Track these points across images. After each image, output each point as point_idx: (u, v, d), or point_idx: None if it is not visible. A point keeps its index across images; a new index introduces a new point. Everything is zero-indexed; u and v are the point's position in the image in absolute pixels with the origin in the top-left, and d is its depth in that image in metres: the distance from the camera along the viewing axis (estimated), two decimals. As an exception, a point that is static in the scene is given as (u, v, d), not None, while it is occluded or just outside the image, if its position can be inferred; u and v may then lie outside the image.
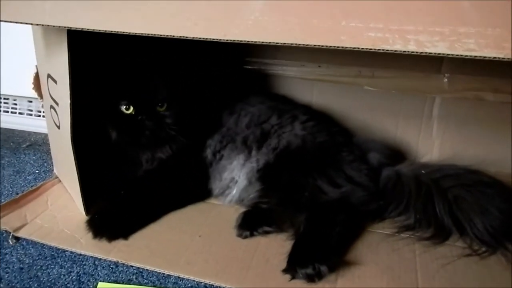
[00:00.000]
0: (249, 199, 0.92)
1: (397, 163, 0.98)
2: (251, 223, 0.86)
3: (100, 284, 0.73)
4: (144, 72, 0.91)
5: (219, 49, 1.14)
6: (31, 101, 1.38)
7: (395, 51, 0.52)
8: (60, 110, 0.85)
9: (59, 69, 0.79)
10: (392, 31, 0.54)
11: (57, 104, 0.85)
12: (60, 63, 0.77)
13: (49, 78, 0.86)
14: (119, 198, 0.89)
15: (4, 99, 1.41)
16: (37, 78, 0.96)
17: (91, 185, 0.89)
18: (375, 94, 1.09)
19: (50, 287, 0.73)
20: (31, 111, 1.39)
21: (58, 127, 0.89)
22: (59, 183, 1.03)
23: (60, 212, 0.92)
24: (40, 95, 0.97)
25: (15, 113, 1.40)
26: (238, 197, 0.94)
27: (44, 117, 1.29)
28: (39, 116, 1.38)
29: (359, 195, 0.87)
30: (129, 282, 0.74)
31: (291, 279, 0.72)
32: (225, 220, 0.89)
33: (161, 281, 0.75)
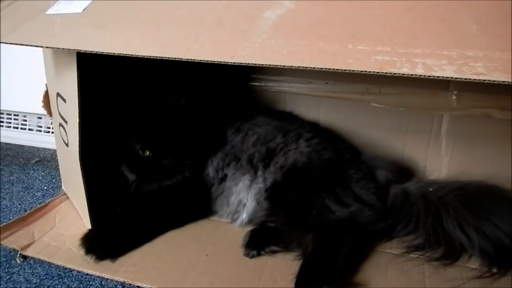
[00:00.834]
0: (258, 218, 0.91)
1: (405, 181, 0.97)
2: (258, 242, 0.85)
3: (106, 305, 0.73)
4: (156, 107, 0.92)
5: (224, 66, 1.14)
6: (40, 118, 1.40)
7: (403, 74, 0.52)
8: (68, 128, 0.85)
9: (68, 88, 0.80)
10: (399, 54, 0.54)
11: (66, 122, 0.86)
12: (69, 82, 0.78)
13: (58, 96, 0.87)
14: (115, 216, 0.89)
15: (14, 115, 1.43)
16: (46, 96, 0.97)
17: (99, 202, 0.89)
18: (383, 111, 1.08)
19: (56, 308, 0.73)
20: (41, 127, 1.41)
21: (66, 144, 0.89)
22: (67, 200, 1.04)
23: (67, 230, 0.92)
24: (49, 112, 0.99)
25: (25, 129, 1.42)
26: (248, 220, 0.93)
27: (53, 133, 1.30)
28: (48, 132, 1.39)
29: (367, 215, 0.86)
30: (135, 303, 0.74)
31: None
32: (232, 238, 0.89)
33: (167, 302, 0.74)
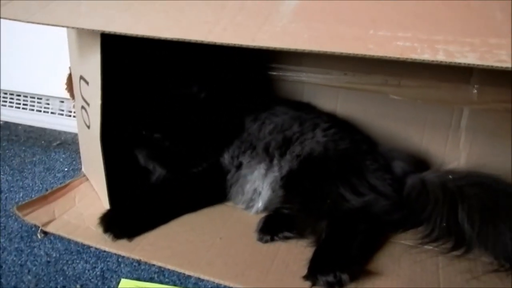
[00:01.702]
0: (273, 206, 0.92)
1: (422, 172, 0.96)
2: (272, 228, 0.86)
3: (123, 280, 0.75)
4: (175, 98, 0.93)
5: (244, 54, 1.15)
6: (63, 101, 1.43)
7: (424, 60, 0.52)
8: (90, 110, 0.87)
9: (92, 71, 0.81)
10: (421, 41, 0.54)
11: (88, 104, 0.88)
12: (92, 65, 0.80)
13: (81, 79, 0.89)
14: (133, 198, 0.91)
15: (38, 98, 1.46)
16: (70, 79, 0.99)
17: (117, 184, 0.91)
18: (401, 103, 1.07)
19: (75, 281, 0.75)
20: (63, 111, 1.44)
21: (88, 127, 0.91)
22: (87, 181, 1.06)
23: (87, 209, 0.94)
24: (72, 95, 1.01)
25: (48, 112, 1.45)
26: (263, 208, 0.94)
27: (74, 117, 1.33)
28: (70, 116, 1.42)
29: (382, 205, 0.86)
30: (151, 280, 0.76)
31: (311, 286, 0.72)
32: (246, 223, 0.90)
33: (182, 281, 0.76)
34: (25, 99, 1.48)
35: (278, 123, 0.99)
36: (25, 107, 1.48)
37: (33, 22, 0.71)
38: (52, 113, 1.45)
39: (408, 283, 0.75)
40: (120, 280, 0.75)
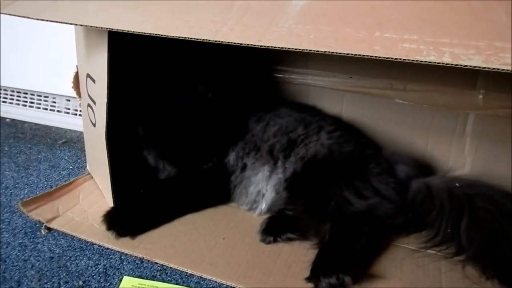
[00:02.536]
0: (277, 207, 0.92)
1: (426, 177, 0.96)
2: (275, 229, 0.86)
3: (125, 278, 0.75)
4: (182, 97, 0.94)
5: (250, 55, 1.15)
6: (69, 100, 1.44)
7: (429, 62, 0.52)
8: (96, 108, 0.88)
9: (98, 69, 0.82)
10: (426, 43, 0.54)
11: (94, 102, 0.89)
12: (99, 63, 0.81)
13: (88, 77, 0.90)
14: (137, 196, 0.92)
15: (44, 96, 1.47)
16: (76, 77, 1.00)
17: (122, 182, 0.91)
18: (406, 107, 1.07)
19: (77, 277, 0.75)
20: (69, 109, 1.45)
21: (94, 125, 0.92)
22: (91, 179, 1.07)
23: (90, 207, 0.95)
24: (78, 94, 1.02)
25: (54, 110, 1.47)
26: (266, 210, 0.94)
27: (80, 115, 1.34)
28: (76, 114, 1.43)
29: (386, 208, 0.86)
30: (153, 278, 0.76)
31: None
32: (249, 224, 0.90)
33: (184, 279, 0.76)
34: (32, 97, 1.49)
35: (282, 124, 0.99)
36: (32, 105, 1.49)
37: (42, 19, 0.72)
38: (58, 111, 1.46)
39: (410, 287, 0.74)
40: (122, 277, 0.76)
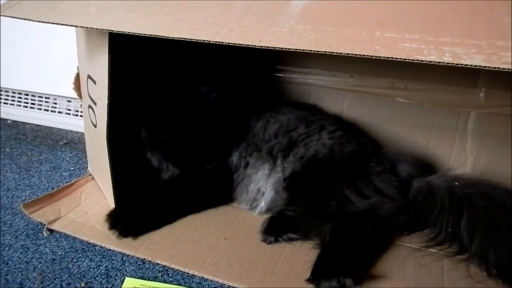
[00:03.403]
0: (276, 207, 0.92)
1: (428, 176, 0.96)
2: (277, 229, 0.86)
3: (127, 279, 0.75)
4: (185, 99, 0.94)
5: (251, 56, 1.15)
6: (70, 101, 1.44)
7: (430, 62, 0.52)
8: (97, 110, 0.88)
9: (99, 70, 0.82)
10: (427, 42, 0.54)
11: (95, 104, 0.89)
12: (100, 64, 0.81)
13: (89, 78, 0.90)
14: (140, 197, 0.92)
15: (45, 98, 1.47)
16: (77, 78, 1.00)
17: (123, 183, 0.91)
18: (408, 106, 1.07)
19: (79, 278, 0.75)
20: (70, 110, 1.45)
21: (95, 126, 0.92)
22: (93, 181, 1.07)
23: (92, 208, 0.95)
24: (79, 95, 1.02)
25: (55, 112, 1.47)
26: (266, 209, 0.94)
27: (81, 116, 1.34)
28: (77, 115, 1.43)
29: (388, 207, 0.86)
30: (155, 279, 0.76)
31: None
32: (251, 224, 0.90)
33: (186, 280, 0.76)
34: (33, 98, 1.49)
35: (283, 122, 0.99)
36: (33, 106, 1.49)
37: (43, 21, 0.72)
38: (59, 112, 1.46)
39: (412, 286, 0.74)
40: (124, 278, 0.76)
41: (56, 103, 1.47)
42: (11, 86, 1.49)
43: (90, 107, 0.94)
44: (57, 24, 0.71)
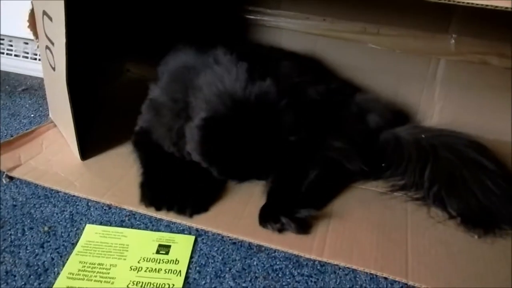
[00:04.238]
0: None
1: (397, 125, 0.96)
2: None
3: (88, 226, 0.74)
4: None
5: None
6: (27, 43, 1.34)
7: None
8: (55, 50, 0.82)
9: (55, 5, 0.76)
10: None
11: (53, 43, 0.83)
12: (55, -2, 0.74)
13: (44, 15, 0.83)
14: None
15: (-1, 40, 1.37)
16: (32, 15, 0.92)
17: (87, 129, 0.88)
18: (379, 52, 1.06)
19: (43, 223, 0.74)
20: (27, 53, 1.36)
21: (53, 68, 0.87)
22: (55, 128, 1.02)
23: (55, 155, 0.92)
24: (35, 34, 0.94)
25: (11, 55, 1.37)
26: None
27: (40, 60, 1.26)
28: (35, 59, 1.34)
29: (349, 154, 0.86)
30: (122, 223, 0.75)
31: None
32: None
33: (154, 223, 0.75)
34: (-15, 40, 1.38)
35: None
36: (-14, 49, 1.39)
37: None
38: (16, 55, 1.36)
39: (377, 227, 0.76)
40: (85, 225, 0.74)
41: (11, 45, 1.37)
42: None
43: (47, 47, 0.87)
44: None
